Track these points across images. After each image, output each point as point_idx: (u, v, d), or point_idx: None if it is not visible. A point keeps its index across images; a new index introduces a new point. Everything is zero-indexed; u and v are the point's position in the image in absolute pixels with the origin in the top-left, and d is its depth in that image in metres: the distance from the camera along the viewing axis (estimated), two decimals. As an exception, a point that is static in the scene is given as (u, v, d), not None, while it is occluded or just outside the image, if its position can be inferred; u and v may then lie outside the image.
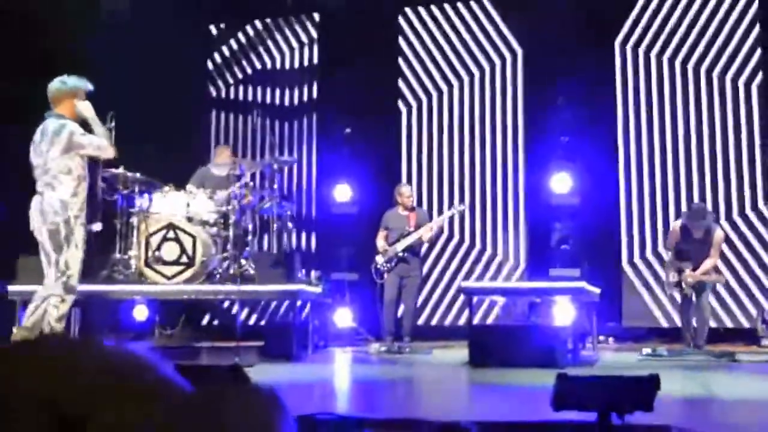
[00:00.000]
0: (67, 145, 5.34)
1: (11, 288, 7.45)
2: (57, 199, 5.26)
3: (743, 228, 9.41)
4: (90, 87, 5.65)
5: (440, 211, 9.81)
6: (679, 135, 9.78)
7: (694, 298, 7.67)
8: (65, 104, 5.48)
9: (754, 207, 9.43)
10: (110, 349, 0.38)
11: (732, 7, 9.74)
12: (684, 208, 9.45)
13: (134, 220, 7.56)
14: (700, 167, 9.65)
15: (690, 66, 9.84)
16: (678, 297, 7.95)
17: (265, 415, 0.32)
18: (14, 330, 5.74)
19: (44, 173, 5.33)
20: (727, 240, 8.61)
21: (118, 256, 7.61)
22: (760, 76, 9.57)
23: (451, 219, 9.68)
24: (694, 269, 7.59)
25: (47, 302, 5.24)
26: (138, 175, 7.85)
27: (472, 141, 10.49)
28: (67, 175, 5.32)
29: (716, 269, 7.88)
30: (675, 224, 8.03)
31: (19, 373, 0.36)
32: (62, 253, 5.24)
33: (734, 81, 9.66)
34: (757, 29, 9.64)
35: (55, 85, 5.51)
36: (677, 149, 9.77)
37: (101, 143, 5.52)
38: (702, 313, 7.63)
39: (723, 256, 8.48)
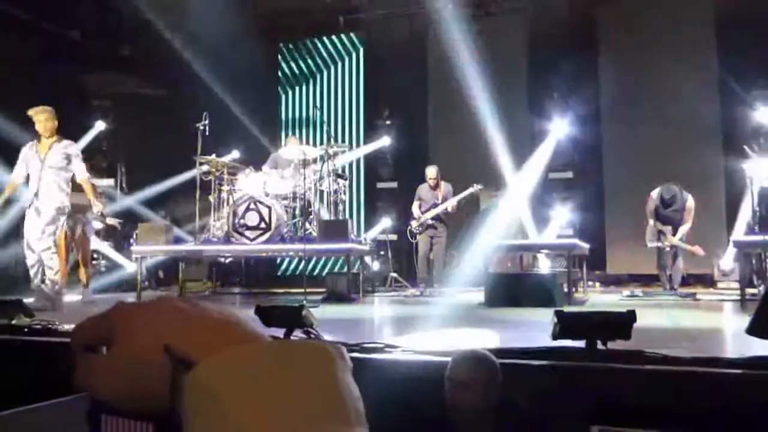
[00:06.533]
0: None
1: (134, 248, 7.64)
2: None
3: (701, 190, 9.16)
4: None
5: (463, 188, 9.74)
6: (652, 120, 9.51)
7: (667, 255, 7.52)
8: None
9: (709, 178, 9.19)
10: (209, 307, 0.39)
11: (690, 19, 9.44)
12: (655, 179, 9.24)
13: (224, 195, 7.66)
14: (668, 147, 9.40)
15: (655, 63, 9.52)
16: (656, 250, 7.73)
17: (326, 357, 0.33)
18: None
19: None
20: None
21: (212, 222, 7.73)
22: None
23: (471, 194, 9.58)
24: (674, 232, 7.42)
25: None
26: (226, 160, 7.96)
27: (487, 129, 10.35)
28: None
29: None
30: (653, 193, 7.66)
31: (144, 322, 0.37)
32: None
33: (692, 76, 9.34)
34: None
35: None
36: (650, 128, 9.50)
37: None
38: (677, 263, 7.49)
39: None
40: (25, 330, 3.50)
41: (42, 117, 5.95)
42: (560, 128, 9.75)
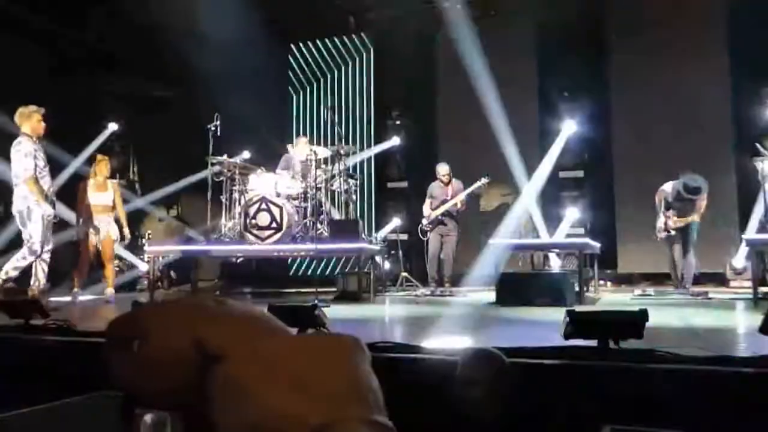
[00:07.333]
0: None
1: (146, 248, 7.69)
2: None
3: (712, 188, 9.05)
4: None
5: (471, 183, 9.72)
6: (662, 117, 9.45)
7: (678, 253, 7.35)
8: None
9: (721, 176, 9.10)
10: (233, 303, 0.41)
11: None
12: (665, 176, 9.17)
13: (236, 195, 7.70)
14: (679, 145, 9.34)
15: (665, 60, 9.45)
16: (667, 248, 7.59)
17: (347, 348, 0.35)
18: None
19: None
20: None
21: (224, 222, 7.77)
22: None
23: (480, 189, 9.54)
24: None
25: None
26: (238, 161, 8.00)
27: (497, 129, 10.32)
28: None
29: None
30: (665, 186, 7.46)
31: (174, 319, 0.39)
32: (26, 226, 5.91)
33: (703, 61, 9.22)
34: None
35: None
36: (661, 126, 9.44)
37: None
38: (689, 260, 7.32)
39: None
40: (42, 329, 3.54)
41: (39, 115, 5.96)
42: (570, 127, 9.71)
